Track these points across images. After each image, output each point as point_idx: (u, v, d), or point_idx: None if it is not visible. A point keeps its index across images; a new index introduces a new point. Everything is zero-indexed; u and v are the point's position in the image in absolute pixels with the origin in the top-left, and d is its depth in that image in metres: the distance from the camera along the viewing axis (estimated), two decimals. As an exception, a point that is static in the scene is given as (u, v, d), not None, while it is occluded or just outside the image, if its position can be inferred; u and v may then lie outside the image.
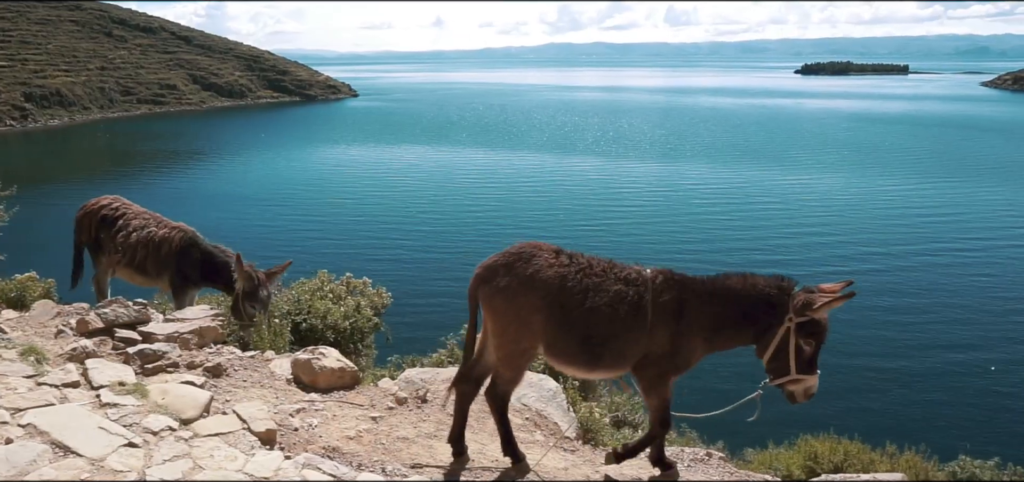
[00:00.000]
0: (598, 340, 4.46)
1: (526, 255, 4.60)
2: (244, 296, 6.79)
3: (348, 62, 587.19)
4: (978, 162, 60.85)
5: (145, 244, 7.17)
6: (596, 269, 4.56)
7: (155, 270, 7.21)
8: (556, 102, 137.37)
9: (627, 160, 63.41)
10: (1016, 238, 36.15)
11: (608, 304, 4.41)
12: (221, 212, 42.97)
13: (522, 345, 4.59)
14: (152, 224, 7.30)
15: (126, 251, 7.23)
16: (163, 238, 7.13)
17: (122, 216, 7.38)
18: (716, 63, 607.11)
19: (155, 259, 7.17)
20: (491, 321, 4.66)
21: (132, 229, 7.24)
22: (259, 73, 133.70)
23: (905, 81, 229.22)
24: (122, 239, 7.21)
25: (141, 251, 7.18)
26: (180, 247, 7.11)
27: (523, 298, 4.47)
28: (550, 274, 4.48)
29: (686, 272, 4.67)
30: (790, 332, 4.39)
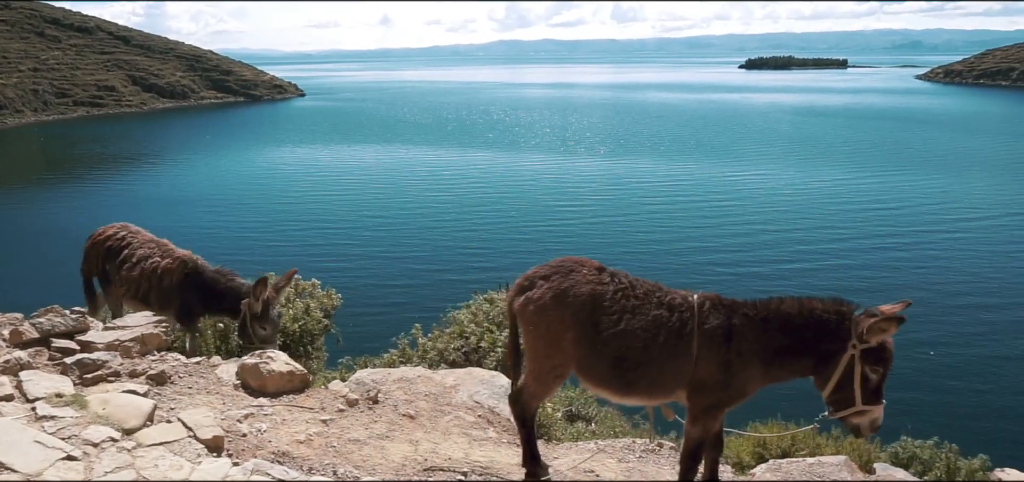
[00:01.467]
0: (631, 365, 4.26)
1: (564, 269, 4.44)
2: (254, 318, 6.43)
3: (294, 61, 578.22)
4: (915, 153, 62.89)
5: (148, 276, 6.84)
6: (638, 291, 4.35)
7: (158, 303, 6.83)
8: (506, 100, 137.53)
9: (579, 156, 63.84)
10: (951, 226, 37.44)
11: (644, 328, 4.21)
12: (165, 216, 41.89)
13: (552, 361, 4.44)
14: (156, 254, 6.97)
15: (129, 284, 6.92)
16: (165, 269, 6.81)
17: (127, 245, 7.09)
18: (663, 59, 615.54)
19: (157, 291, 6.82)
20: (524, 333, 4.53)
21: (136, 260, 6.94)
22: (202, 73, 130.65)
23: (844, 75, 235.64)
24: (126, 272, 6.91)
25: (144, 283, 6.85)
26: (181, 278, 6.74)
27: (554, 313, 4.31)
28: (585, 291, 4.30)
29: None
30: (855, 360, 4.11)
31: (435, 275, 30.31)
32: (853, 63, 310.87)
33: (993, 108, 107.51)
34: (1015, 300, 27.26)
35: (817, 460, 5.82)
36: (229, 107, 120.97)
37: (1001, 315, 25.77)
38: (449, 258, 32.92)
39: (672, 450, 5.88)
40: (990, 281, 29.34)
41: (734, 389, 4.25)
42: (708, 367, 4.18)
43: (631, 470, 5.30)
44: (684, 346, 4.18)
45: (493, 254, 33.33)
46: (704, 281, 29.34)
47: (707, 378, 4.20)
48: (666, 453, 5.77)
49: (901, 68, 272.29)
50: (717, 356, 4.17)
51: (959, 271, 30.59)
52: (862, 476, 5.82)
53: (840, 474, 5.58)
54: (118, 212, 43.12)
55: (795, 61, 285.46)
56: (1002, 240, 34.92)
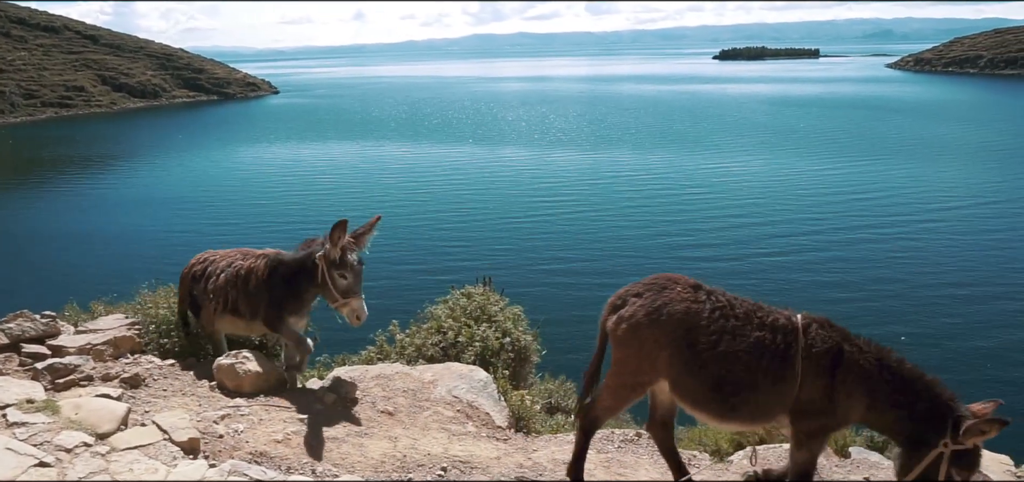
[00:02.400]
0: (733, 389, 4.10)
1: (657, 286, 4.34)
2: (331, 266, 5.79)
3: (267, 58, 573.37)
4: (887, 142, 63.66)
5: (233, 281, 6.32)
6: (737, 311, 4.22)
7: (249, 309, 6.28)
8: (482, 94, 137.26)
9: (556, 149, 63.85)
10: (924, 213, 37.96)
11: (747, 351, 4.07)
12: (137, 217, 41.40)
13: (640, 379, 4.34)
14: (238, 259, 6.49)
15: (217, 297, 6.39)
16: (249, 269, 6.29)
17: (211, 263, 6.66)
18: (638, 51, 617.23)
19: (245, 295, 6.25)
20: (615, 349, 4.39)
21: (220, 271, 6.48)
22: (173, 72, 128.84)
23: (817, 64, 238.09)
24: (212, 286, 6.44)
25: (231, 291, 6.32)
26: (267, 273, 6.19)
27: (648, 331, 4.20)
28: (680, 310, 4.19)
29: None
30: (944, 458, 3.88)
31: (412, 271, 30.21)
32: (825, 53, 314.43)
33: (961, 95, 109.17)
34: (986, 286, 27.70)
35: (793, 446, 5.88)
36: (201, 106, 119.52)
37: (972, 301, 26.19)
38: (426, 253, 32.82)
39: (650, 441, 5.92)
40: (961, 267, 29.79)
41: (839, 416, 4.12)
42: (812, 392, 4.04)
43: (610, 460, 5.33)
44: (788, 370, 4.04)
45: (470, 249, 33.28)
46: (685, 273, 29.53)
47: (810, 403, 4.06)
48: (644, 443, 5.81)
49: (872, 57, 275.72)
50: (821, 382, 4.04)
51: (931, 258, 31.03)
52: (838, 460, 5.90)
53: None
54: (89, 215, 42.62)
55: (768, 51, 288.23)
56: (972, 227, 35.45)
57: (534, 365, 8.22)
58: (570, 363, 7.81)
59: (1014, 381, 20.20)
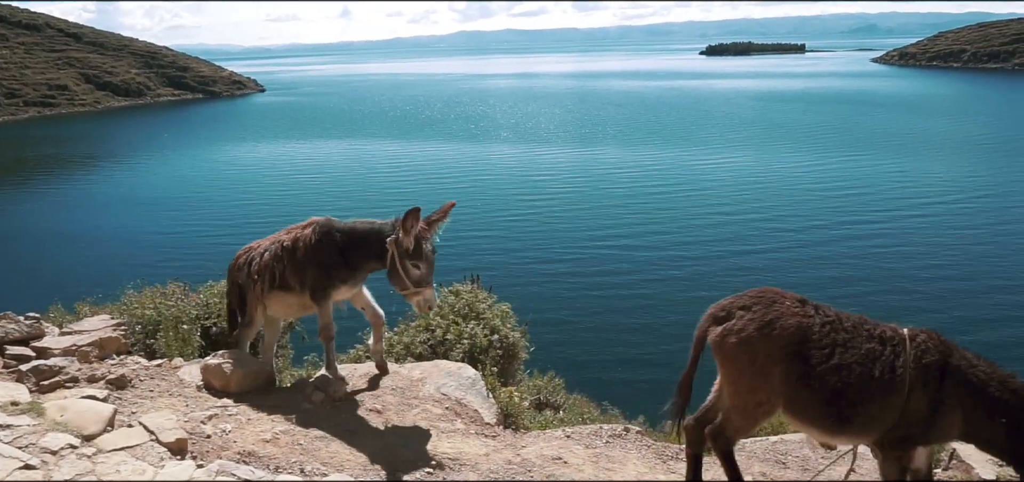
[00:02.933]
0: (848, 402, 4.05)
1: (767, 300, 4.26)
2: (404, 255, 5.54)
3: (253, 56, 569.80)
4: (874, 136, 64.04)
5: (279, 255, 6.02)
6: (845, 324, 4.17)
7: (298, 279, 5.96)
8: (470, 91, 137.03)
9: (544, 146, 63.85)
10: (908, 208, 38.22)
11: (859, 363, 4.03)
12: (122, 218, 41.11)
13: (758, 397, 4.23)
14: (282, 235, 6.20)
15: (264, 275, 6.08)
16: (295, 239, 6.00)
17: (255, 250, 6.34)
18: (625, 47, 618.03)
19: (293, 266, 5.94)
20: (724, 367, 4.32)
21: (263, 251, 6.18)
22: (158, 70, 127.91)
23: (803, 59, 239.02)
24: (257, 266, 6.13)
25: (278, 265, 6.02)
26: (316, 238, 5.87)
27: (760, 346, 4.12)
28: (791, 323, 4.12)
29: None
30: None
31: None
32: (811, 47, 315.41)
33: (946, 90, 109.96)
34: (971, 279, 27.96)
35: (780, 438, 5.94)
36: (187, 104, 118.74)
37: (958, 294, 26.43)
38: (415, 251, 32.73)
39: (638, 435, 5.95)
40: (947, 260, 30.03)
41: (936, 431, 4.08)
42: (917, 404, 4.02)
43: (598, 455, 5.35)
44: (898, 381, 4.03)
45: (457, 247, 33.23)
46: (673, 269, 29.67)
47: (914, 414, 4.03)
48: (632, 438, 5.83)
49: (857, 51, 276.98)
50: (928, 394, 4.01)
51: (917, 251, 31.25)
52: (823, 452, 5.94)
53: (802, 451, 5.70)
54: (73, 215, 42.27)
55: (755, 47, 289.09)
56: (957, 221, 35.73)
57: (522, 362, 8.24)
58: (558, 360, 7.85)
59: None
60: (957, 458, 5.39)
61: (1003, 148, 55.94)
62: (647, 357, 21.30)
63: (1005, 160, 50.87)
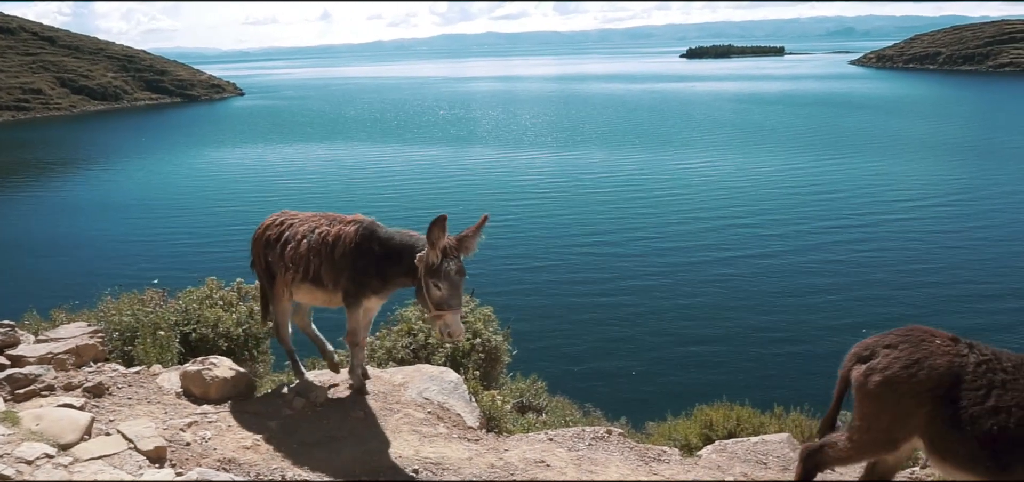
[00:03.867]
0: (1007, 447, 3.74)
1: (914, 338, 4.04)
2: (428, 273, 5.09)
3: (232, 60, 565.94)
4: (852, 137, 64.72)
5: (317, 249, 5.65)
6: (1004, 363, 3.89)
7: (332, 279, 5.63)
8: (451, 94, 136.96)
9: (526, 149, 63.91)
10: (887, 209, 38.61)
11: (1021, 406, 3.74)
12: (99, 223, 40.64)
13: (892, 435, 4.02)
14: (324, 224, 5.79)
15: (297, 265, 5.75)
16: (337, 235, 5.61)
17: (289, 227, 5.96)
18: (605, 49, 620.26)
19: (330, 264, 5.60)
20: (863, 404, 4.10)
21: (301, 236, 5.79)
22: (135, 74, 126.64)
23: (782, 62, 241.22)
24: (291, 252, 5.78)
25: (314, 259, 5.67)
26: (357, 241, 5.52)
27: (906, 387, 3.90)
28: (941, 363, 3.89)
29: None
30: None
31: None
32: (790, 50, 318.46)
33: (922, 91, 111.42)
34: (944, 276, 28.35)
35: (761, 439, 5.97)
36: (165, 108, 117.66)
37: (935, 295, 26.75)
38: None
39: (621, 437, 5.96)
40: (925, 261, 30.41)
41: None
42: None
43: (581, 458, 5.36)
44: None
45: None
46: (655, 272, 29.79)
47: None
48: (615, 440, 5.84)
49: (835, 54, 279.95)
50: None
51: (895, 252, 31.62)
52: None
53: (783, 450, 5.73)
54: (49, 221, 41.69)
55: (734, 49, 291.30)
56: (935, 222, 36.20)
57: (505, 365, 8.25)
58: (540, 363, 7.86)
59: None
60: (935, 456, 5.44)
61: (979, 149, 56.75)
62: (629, 359, 21.36)
63: (983, 161, 51.59)
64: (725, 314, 24.79)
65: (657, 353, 21.85)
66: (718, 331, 23.39)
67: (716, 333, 23.23)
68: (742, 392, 8.85)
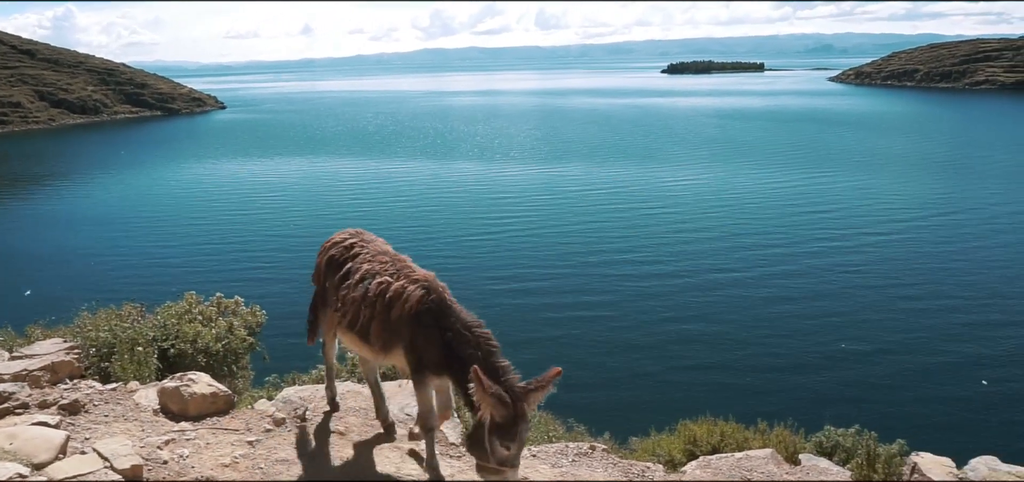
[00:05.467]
0: None
1: None
2: (495, 431, 4.19)
3: (213, 73, 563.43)
4: (832, 154, 65.45)
5: (372, 301, 4.80)
6: None
7: (380, 341, 4.79)
8: (433, 108, 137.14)
9: (507, 163, 64.02)
10: (868, 226, 38.99)
11: None
12: (76, 238, 40.14)
13: None
14: (388, 270, 4.95)
15: (347, 309, 4.95)
16: (396, 294, 4.73)
17: (353, 257, 5.16)
18: (587, 65, 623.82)
19: (382, 323, 4.76)
20: None
21: (360, 277, 4.97)
22: (115, 87, 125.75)
23: (762, 78, 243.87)
24: (346, 292, 5.01)
25: (365, 311, 4.83)
26: (417, 310, 4.65)
27: None
28: None
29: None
30: None
31: (365, 287, 29.86)
32: (770, 66, 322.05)
33: (900, 108, 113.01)
34: (924, 292, 28.63)
35: (745, 454, 5.96)
36: (145, 122, 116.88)
37: (911, 306, 27.02)
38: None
39: (604, 453, 5.93)
40: (899, 275, 30.74)
41: None
42: None
43: (565, 474, 5.32)
44: None
45: (421, 263, 33.04)
46: (638, 287, 29.84)
47: None
48: (599, 455, 5.81)
49: (815, 71, 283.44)
50: None
51: (874, 268, 31.93)
52: (788, 467, 5.98)
53: (767, 467, 5.72)
54: (25, 235, 41.15)
55: (715, 65, 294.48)
56: (913, 238, 36.61)
57: (488, 380, 8.16)
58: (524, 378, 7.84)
59: (958, 384, 20.88)
60: (918, 471, 5.46)
61: (957, 166, 57.55)
62: (613, 374, 21.35)
63: (961, 179, 52.30)
64: (709, 329, 24.88)
65: (641, 368, 21.86)
66: (702, 346, 23.45)
67: (700, 348, 23.29)
68: (726, 407, 8.85)
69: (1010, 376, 21.24)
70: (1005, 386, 20.61)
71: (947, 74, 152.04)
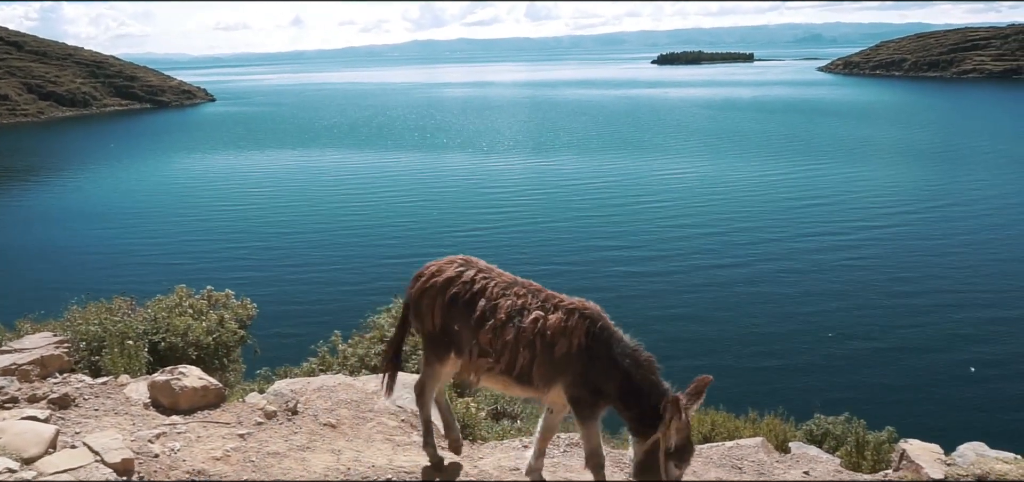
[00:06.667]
0: None
1: None
2: (673, 454, 4.21)
3: (203, 65, 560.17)
4: (822, 143, 65.66)
5: (532, 340, 4.41)
6: None
7: (545, 380, 4.45)
8: (425, 100, 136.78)
9: (498, 155, 63.95)
10: (858, 215, 39.15)
11: None
12: (66, 231, 39.91)
13: None
14: (532, 302, 4.57)
15: (502, 353, 4.46)
16: (557, 329, 4.39)
17: (482, 292, 4.64)
18: (577, 56, 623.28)
19: (545, 363, 4.40)
20: None
21: (505, 315, 4.51)
22: (104, 79, 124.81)
23: (752, 68, 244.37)
24: (491, 334, 4.50)
25: (525, 353, 4.42)
26: (587, 343, 4.39)
27: None
28: None
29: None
30: None
31: (355, 280, 29.87)
32: (759, 56, 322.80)
33: (888, 97, 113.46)
34: (912, 280, 28.81)
35: (735, 443, 6.00)
36: (134, 114, 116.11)
37: (899, 294, 27.18)
38: (369, 262, 32.48)
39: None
40: (888, 263, 30.90)
41: None
42: None
43: (556, 465, 5.34)
44: None
45: (413, 256, 32.95)
46: (628, 276, 29.89)
47: None
48: (590, 446, 5.82)
49: (804, 61, 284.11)
50: None
51: (858, 255, 32.10)
52: (778, 455, 6.02)
53: (758, 455, 5.76)
54: (14, 229, 40.91)
55: (705, 56, 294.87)
56: (904, 227, 36.79)
57: (479, 372, 8.18)
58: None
59: (947, 372, 21.03)
60: (907, 458, 5.51)
61: (946, 155, 57.84)
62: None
63: (951, 166, 52.60)
64: (699, 319, 24.97)
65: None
66: (692, 335, 23.53)
67: (690, 337, 23.37)
68: (716, 396, 8.88)
69: (997, 364, 21.41)
70: (993, 373, 20.77)
71: (935, 63, 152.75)
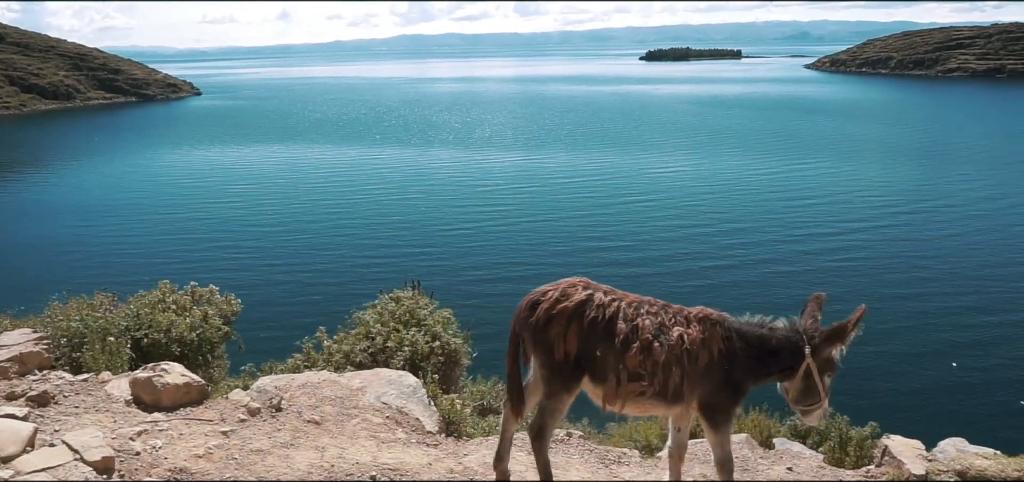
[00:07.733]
0: None
1: None
2: (825, 366, 4.62)
3: (189, 59, 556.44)
4: (809, 140, 65.99)
5: (678, 357, 4.41)
6: None
7: (691, 391, 4.49)
8: (413, 95, 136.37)
9: (486, 151, 63.83)
10: (845, 212, 39.35)
11: None
12: (47, 226, 39.48)
13: None
14: (665, 318, 4.56)
15: (653, 375, 4.39)
16: (696, 342, 4.45)
17: (618, 314, 4.53)
18: (566, 51, 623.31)
19: (695, 376, 4.45)
20: None
21: (649, 334, 4.45)
22: (88, 72, 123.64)
23: (739, 65, 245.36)
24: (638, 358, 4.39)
25: (676, 371, 4.40)
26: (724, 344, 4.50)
27: None
28: None
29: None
30: None
31: (340, 275, 29.75)
32: (747, 53, 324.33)
33: (875, 95, 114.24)
34: (896, 277, 29.02)
35: (719, 440, 5.99)
36: (119, 108, 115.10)
37: (883, 290, 27.36)
38: (354, 258, 32.34)
39: (581, 439, 5.95)
40: (872, 260, 31.12)
41: None
42: None
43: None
44: None
45: (399, 253, 32.93)
46: (615, 274, 29.93)
47: None
48: (575, 442, 5.83)
49: (791, 58, 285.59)
50: None
51: (842, 251, 32.30)
52: (763, 451, 6.04)
53: (742, 451, 5.78)
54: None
55: (693, 52, 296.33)
56: (891, 224, 37.01)
57: (465, 368, 8.19)
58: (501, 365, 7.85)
59: (930, 369, 21.21)
60: (889, 454, 5.54)
61: (931, 152, 58.28)
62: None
63: (937, 164, 52.98)
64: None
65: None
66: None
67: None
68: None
69: (980, 360, 21.62)
70: (974, 370, 20.97)
71: (921, 61, 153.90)
